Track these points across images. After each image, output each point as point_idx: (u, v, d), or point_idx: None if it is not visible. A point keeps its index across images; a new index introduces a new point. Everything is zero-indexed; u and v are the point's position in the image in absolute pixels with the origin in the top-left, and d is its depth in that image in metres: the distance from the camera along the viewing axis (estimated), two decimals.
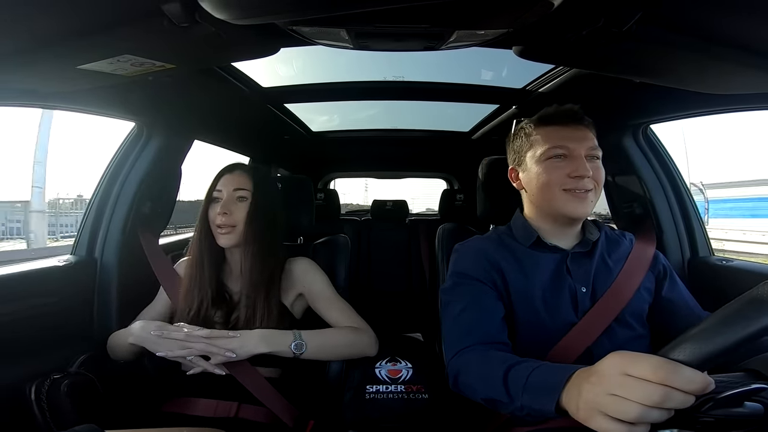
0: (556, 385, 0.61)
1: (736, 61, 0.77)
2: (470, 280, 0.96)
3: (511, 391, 0.69)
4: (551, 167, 0.93)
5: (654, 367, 0.48)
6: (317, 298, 1.17)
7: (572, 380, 0.59)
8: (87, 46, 0.74)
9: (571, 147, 0.92)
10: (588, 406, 0.53)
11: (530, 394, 0.66)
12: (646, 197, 1.40)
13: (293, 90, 1.59)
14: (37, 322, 1.09)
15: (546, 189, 0.94)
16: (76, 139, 53.24)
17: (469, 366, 0.83)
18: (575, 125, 0.94)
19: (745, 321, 0.46)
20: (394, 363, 1.15)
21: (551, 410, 0.61)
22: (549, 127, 0.96)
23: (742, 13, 0.65)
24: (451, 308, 0.95)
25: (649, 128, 1.43)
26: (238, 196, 1.13)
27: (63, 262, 1.23)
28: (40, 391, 0.96)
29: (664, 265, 1.03)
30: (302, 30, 0.81)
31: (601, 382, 0.52)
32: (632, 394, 0.48)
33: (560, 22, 0.76)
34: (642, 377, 0.49)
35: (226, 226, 1.10)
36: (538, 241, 0.99)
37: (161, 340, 0.98)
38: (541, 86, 1.43)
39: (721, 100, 1.06)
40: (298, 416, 1.06)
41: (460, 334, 0.89)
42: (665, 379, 0.47)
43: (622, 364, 0.51)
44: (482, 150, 1.75)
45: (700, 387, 0.47)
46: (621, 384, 0.50)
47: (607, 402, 0.50)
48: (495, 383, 0.72)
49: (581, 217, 0.94)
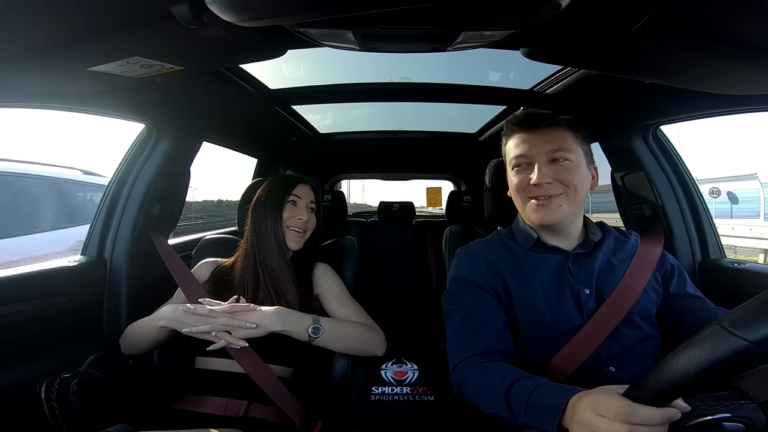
0: (555, 409, 0.66)
1: (746, 62, 0.76)
2: (470, 287, 0.96)
3: (513, 409, 0.73)
4: (518, 176, 0.94)
5: (615, 410, 0.55)
6: (331, 299, 1.20)
7: (569, 407, 0.64)
8: (97, 49, 0.75)
9: (530, 153, 0.92)
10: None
11: (532, 413, 0.70)
12: (656, 199, 1.38)
13: (300, 92, 1.59)
14: (47, 322, 1.11)
15: (516, 197, 0.96)
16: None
17: (470, 380, 0.85)
18: (538, 129, 0.93)
19: (691, 359, 0.49)
20: (400, 365, 1.15)
21: (553, 430, 0.65)
22: (516, 135, 0.96)
23: (753, 14, 0.64)
24: (452, 317, 0.96)
25: (658, 129, 1.41)
26: (311, 208, 1.26)
27: (73, 262, 1.24)
28: (50, 390, 0.98)
29: (671, 264, 1.01)
30: (309, 32, 0.81)
31: (581, 422, 0.60)
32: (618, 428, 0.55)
33: (568, 23, 0.75)
34: (609, 418, 0.56)
35: (301, 230, 1.22)
36: (538, 243, 0.98)
37: (189, 317, 1.02)
38: (548, 87, 1.42)
39: (732, 101, 1.04)
40: (307, 416, 1.07)
41: (461, 344, 0.90)
42: (627, 420, 0.54)
43: (593, 406, 0.59)
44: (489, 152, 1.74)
45: (660, 421, 0.53)
46: (595, 424, 0.57)
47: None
48: (497, 400, 0.75)
49: (550, 223, 0.93)
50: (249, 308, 1.02)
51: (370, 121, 2.31)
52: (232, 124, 1.78)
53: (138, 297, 1.31)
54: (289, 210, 1.20)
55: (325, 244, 1.41)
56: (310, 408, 1.09)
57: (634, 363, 0.88)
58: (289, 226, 1.19)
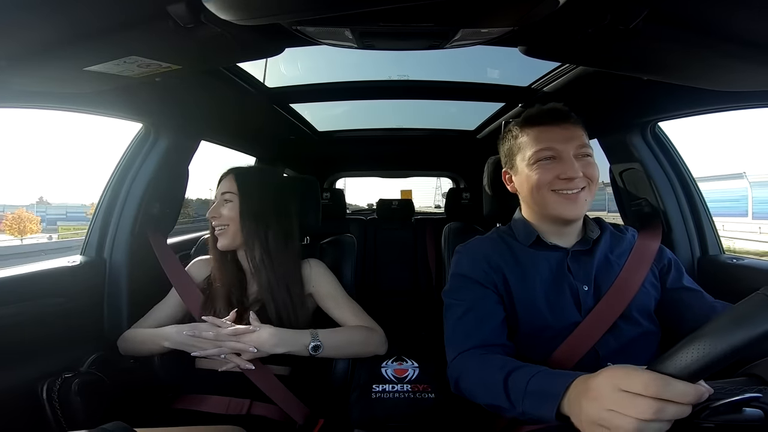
0: (555, 394, 0.63)
1: (744, 58, 0.76)
2: (471, 283, 0.96)
3: (511, 398, 0.71)
4: (540, 169, 0.92)
5: (645, 384, 0.49)
6: (326, 298, 1.18)
7: (572, 389, 0.61)
8: (94, 48, 0.75)
9: (559, 148, 0.91)
10: (589, 420, 0.55)
11: (531, 401, 0.67)
12: (655, 195, 1.39)
13: (298, 90, 1.59)
14: (47, 323, 1.11)
15: (537, 192, 0.94)
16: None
17: (468, 371, 0.84)
18: (562, 124, 0.93)
19: (731, 334, 0.47)
20: (401, 362, 1.15)
21: (552, 417, 0.63)
22: (535, 129, 0.95)
23: (750, 10, 0.65)
24: (452, 311, 0.96)
25: (657, 126, 1.42)
26: (225, 199, 1.17)
27: (72, 262, 1.24)
28: (51, 390, 0.98)
29: (669, 258, 1.01)
30: (307, 30, 0.81)
31: (598, 399, 0.54)
32: (628, 409, 0.50)
33: (566, 20, 0.75)
34: (635, 392, 0.50)
35: (217, 227, 1.17)
36: (538, 240, 0.98)
37: (196, 341, 1.02)
38: (546, 84, 1.42)
39: (731, 97, 1.04)
40: (308, 415, 1.07)
41: (460, 338, 0.90)
42: (657, 394, 0.48)
43: (615, 380, 0.53)
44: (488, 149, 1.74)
45: (692, 399, 0.49)
46: (616, 400, 0.52)
47: (606, 417, 0.52)
48: (495, 390, 0.74)
49: (574, 218, 0.93)
50: (249, 330, 1.00)
51: (368, 119, 2.31)
52: (230, 122, 1.77)
53: (138, 296, 1.31)
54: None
55: (324, 242, 1.41)
56: (311, 406, 1.09)
57: (633, 359, 0.87)
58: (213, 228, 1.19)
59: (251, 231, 1.14)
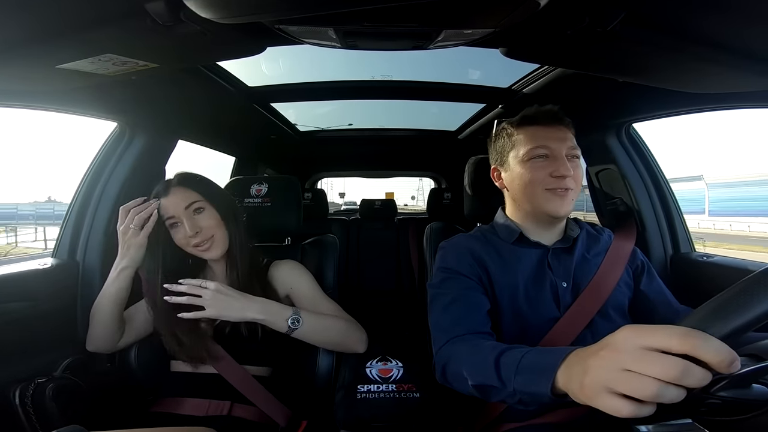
0: (550, 366, 0.58)
1: (717, 61, 0.79)
2: (457, 275, 0.97)
3: (502, 375, 0.67)
4: (534, 167, 0.95)
5: (680, 335, 0.43)
6: (303, 299, 1.15)
7: (570, 359, 0.57)
8: (67, 45, 0.72)
9: (553, 147, 0.94)
10: (595, 382, 0.49)
11: (523, 377, 0.64)
12: (629, 194, 1.43)
13: (280, 89, 1.57)
14: (18, 327, 1.06)
15: (529, 188, 0.96)
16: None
17: (459, 354, 0.82)
18: (556, 125, 0.97)
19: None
20: (385, 362, 1.15)
21: (546, 392, 0.58)
22: (531, 128, 0.98)
23: (723, 14, 0.67)
24: (438, 301, 0.96)
25: (631, 127, 1.46)
26: (194, 209, 1.07)
27: (43, 265, 1.20)
28: (24, 396, 0.94)
29: (641, 260, 1.06)
30: (289, 29, 0.80)
31: (613, 357, 0.48)
32: (650, 368, 0.44)
33: (546, 22, 0.77)
34: (664, 347, 0.44)
35: (204, 241, 1.06)
36: (521, 237, 1.01)
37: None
38: (526, 86, 1.45)
39: (704, 99, 1.08)
40: (291, 416, 1.06)
41: (449, 325, 0.90)
42: (693, 347, 0.43)
43: (638, 337, 0.47)
44: (469, 149, 1.77)
45: (727, 361, 0.42)
46: (638, 358, 0.45)
47: (620, 378, 0.46)
48: (486, 369, 0.71)
49: (562, 215, 0.96)
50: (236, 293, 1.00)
51: (350, 119, 2.31)
52: (208, 122, 1.74)
53: None
54: (175, 233, 1.07)
55: (306, 242, 1.40)
56: (293, 408, 1.08)
57: None
58: (192, 246, 1.06)
59: (235, 231, 1.11)
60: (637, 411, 0.45)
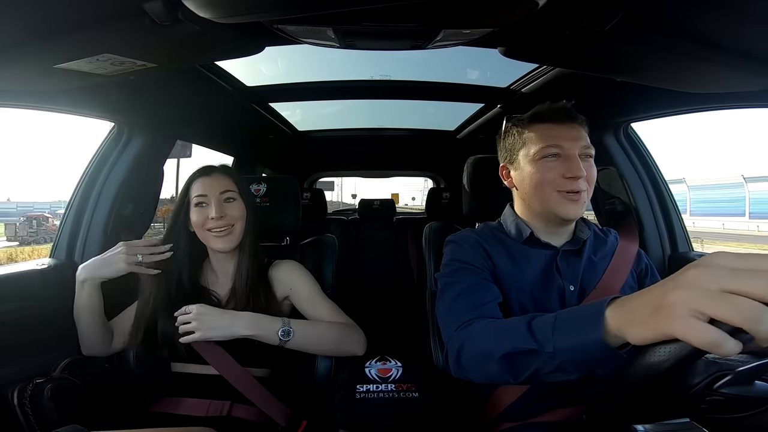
0: (595, 311, 0.53)
1: (714, 61, 0.79)
2: (471, 267, 0.94)
3: (537, 336, 0.61)
4: (544, 167, 0.91)
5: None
6: (303, 300, 1.15)
7: (618, 302, 0.51)
8: (65, 45, 0.72)
9: (566, 146, 0.89)
10: (681, 301, 0.41)
11: (564, 332, 0.57)
12: (628, 194, 1.43)
13: (278, 89, 1.57)
14: (16, 327, 1.06)
15: (539, 189, 0.92)
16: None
17: (479, 332, 0.77)
18: (569, 123, 0.91)
19: None
20: (384, 362, 1.15)
21: (598, 337, 0.51)
22: (542, 125, 0.93)
23: (720, 14, 0.67)
24: (451, 289, 0.92)
25: (629, 126, 1.47)
26: (227, 198, 1.10)
27: (41, 265, 1.19)
28: (22, 396, 0.94)
29: (646, 263, 1.04)
30: (287, 29, 0.80)
31: (707, 274, 0.41)
32: (753, 284, 0.37)
33: (544, 22, 0.77)
34: (766, 267, 0.38)
35: (224, 227, 1.08)
36: (530, 237, 0.98)
37: (109, 261, 1.07)
38: (524, 86, 1.45)
39: (700, 99, 1.08)
40: (291, 416, 1.06)
41: (464, 310, 0.85)
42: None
43: (735, 256, 0.41)
44: (468, 149, 1.77)
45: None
46: (738, 274, 0.39)
47: (718, 298, 0.39)
48: (518, 334, 0.65)
49: (573, 218, 0.93)
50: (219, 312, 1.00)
51: (349, 119, 2.31)
52: (207, 122, 1.74)
53: (110, 300, 1.26)
54: (198, 213, 1.08)
55: (305, 242, 1.39)
56: (293, 408, 1.08)
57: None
58: (207, 229, 1.08)
59: (252, 231, 1.13)
60: (723, 342, 0.39)
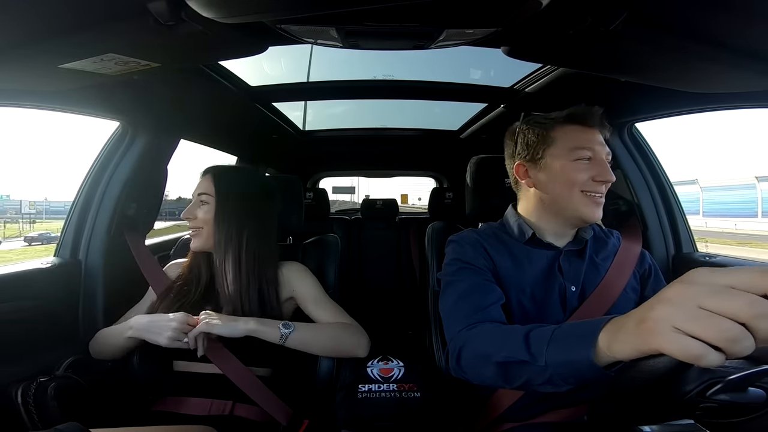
0: (591, 330, 0.54)
1: (720, 61, 0.79)
2: (473, 267, 0.94)
3: (532, 349, 0.63)
4: (576, 168, 0.91)
5: (761, 270, 0.39)
6: (307, 300, 1.16)
7: (613, 322, 0.52)
8: (69, 45, 0.73)
9: (597, 150, 0.91)
10: (662, 318, 0.43)
11: (558, 346, 0.59)
12: (632, 195, 1.43)
13: (281, 89, 1.57)
14: (21, 326, 1.07)
15: (566, 189, 0.92)
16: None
17: (479, 336, 0.79)
18: (601, 129, 0.94)
19: None
20: (386, 362, 1.15)
21: (587, 357, 0.53)
22: (576, 127, 0.93)
23: (726, 14, 0.67)
24: (453, 288, 0.92)
25: (634, 126, 1.46)
26: (201, 200, 1.14)
27: (46, 264, 1.20)
28: (26, 395, 0.95)
29: (650, 264, 1.03)
30: (291, 28, 0.80)
31: (687, 291, 0.42)
32: (731, 304, 0.39)
33: (548, 21, 0.77)
34: (743, 285, 0.39)
35: (192, 228, 1.14)
36: (533, 238, 0.98)
37: (157, 326, 0.99)
38: (528, 85, 1.44)
39: (706, 99, 1.08)
40: (292, 415, 1.06)
41: (466, 312, 0.86)
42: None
43: (714, 273, 0.42)
44: (471, 149, 1.76)
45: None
46: (718, 292, 0.40)
47: (695, 315, 0.40)
48: (514, 343, 0.67)
49: (595, 221, 0.94)
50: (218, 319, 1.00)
51: (352, 119, 2.31)
52: (210, 121, 1.74)
53: (115, 298, 1.28)
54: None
55: (308, 242, 1.40)
56: (295, 407, 1.08)
57: None
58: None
59: (225, 235, 1.11)
60: (706, 355, 0.39)
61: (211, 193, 1.13)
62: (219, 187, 1.14)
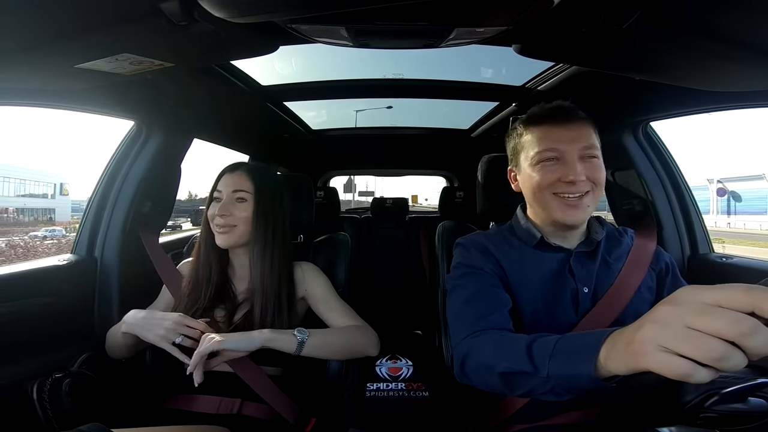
0: (592, 344, 0.54)
1: (736, 59, 0.77)
2: (480, 272, 0.93)
3: (535, 361, 0.63)
4: (542, 171, 0.88)
5: (745, 289, 0.40)
6: (318, 301, 1.17)
7: (613, 336, 0.53)
8: (85, 45, 0.74)
9: (563, 149, 0.86)
10: (649, 338, 0.44)
11: (560, 360, 0.59)
12: (646, 194, 1.40)
13: (292, 88, 1.58)
14: (37, 322, 1.10)
15: (538, 193, 0.90)
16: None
17: (483, 344, 0.78)
18: (566, 124, 0.88)
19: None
20: (395, 361, 1.15)
21: (588, 372, 0.54)
22: (539, 128, 0.90)
23: (741, 11, 0.65)
24: (459, 293, 0.91)
25: (648, 125, 1.43)
26: (237, 197, 1.11)
27: (63, 261, 1.23)
28: (42, 390, 0.96)
29: (667, 262, 1.00)
30: (301, 28, 0.80)
31: (672, 312, 0.43)
32: (715, 323, 0.40)
33: (560, 20, 0.76)
34: (728, 303, 0.40)
35: (225, 225, 1.10)
36: (541, 241, 0.95)
37: (150, 324, 1.00)
38: (540, 84, 1.43)
39: (721, 97, 1.05)
40: (300, 414, 1.07)
41: (472, 319, 0.84)
42: (760, 300, 0.39)
43: (700, 292, 0.43)
44: (482, 147, 1.75)
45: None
46: (702, 312, 0.41)
47: (680, 335, 0.41)
48: (516, 354, 0.66)
49: (574, 224, 0.90)
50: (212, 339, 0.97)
51: (362, 117, 2.31)
52: (222, 120, 1.76)
53: (130, 296, 1.30)
54: (212, 208, 1.12)
55: (318, 240, 1.40)
56: (302, 405, 1.09)
57: None
58: (214, 224, 1.11)
59: (260, 233, 1.12)
60: (694, 373, 0.40)
61: (249, 190, 1.12)
62: (257, 185, 1.13)
